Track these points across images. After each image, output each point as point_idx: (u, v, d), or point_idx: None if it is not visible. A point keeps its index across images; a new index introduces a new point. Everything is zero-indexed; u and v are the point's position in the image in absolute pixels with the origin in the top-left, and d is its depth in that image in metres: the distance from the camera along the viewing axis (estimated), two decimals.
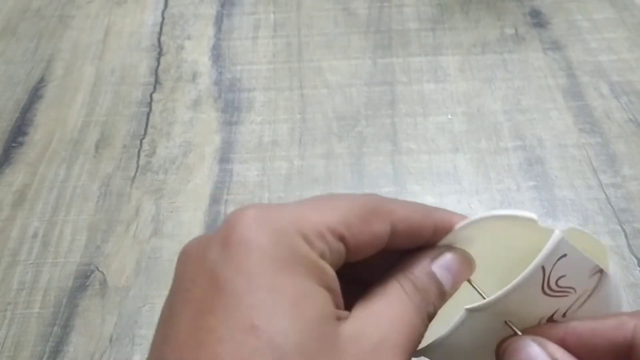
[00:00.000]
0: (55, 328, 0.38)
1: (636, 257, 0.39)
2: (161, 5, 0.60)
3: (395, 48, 0.54)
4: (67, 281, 0.40)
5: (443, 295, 0.24)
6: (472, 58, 0.53)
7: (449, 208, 0.43)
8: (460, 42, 0.54)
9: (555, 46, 0.53)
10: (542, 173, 0.44)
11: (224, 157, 0.47)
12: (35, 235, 0.43)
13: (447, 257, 0.25)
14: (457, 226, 0.25)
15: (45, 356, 0.36)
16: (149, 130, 0.49)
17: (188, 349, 0.19)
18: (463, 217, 0.26)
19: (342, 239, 0.22)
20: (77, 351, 0.37)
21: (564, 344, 0.24)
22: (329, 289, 0.21)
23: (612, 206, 0.42)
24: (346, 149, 0.47)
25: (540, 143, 0.46)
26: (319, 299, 0.21)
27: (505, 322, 0.24)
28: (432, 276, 0.24)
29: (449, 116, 0.49)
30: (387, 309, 0.22)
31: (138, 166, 0.47)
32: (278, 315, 0.19)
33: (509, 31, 0.55)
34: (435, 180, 0.44)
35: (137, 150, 0.48)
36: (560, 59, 0.52)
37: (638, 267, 0.39)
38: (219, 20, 0.58)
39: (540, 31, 0.55)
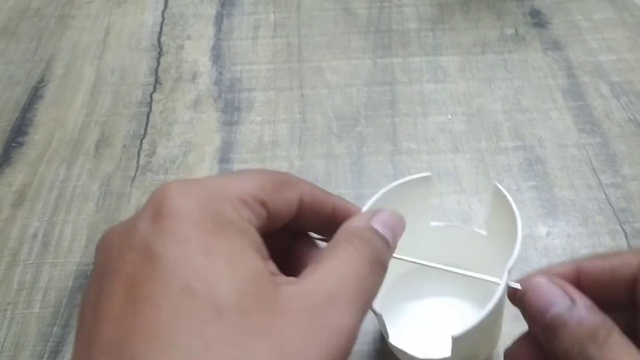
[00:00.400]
0: (55, 328, 0.38)
1: None
2: (161, 5, 0.60)
3: (395, 48, 0.54)
4: (67, 281, 0.40)
5: (389, 248, 0.25)
6: (472, 58, 0.53)
7: (448, 208, 0.43)
8: (460, 42, 0.54)
9: (555, 46, 0.53)
10: (542, 173, 0.44)
11: (224, 157, 0.47)
12: (35, 235, 0.43)
13: (382, 214, 0.26)
14: (371, 200, 0.29)
15: (45, 356, 0.37)
16: (149, 130, 0.49)
17: (124, 321, 0.19)
18: (356, 207, 0.29)
19: (263, 204, 0.24)
20: None
21: (579, 284, 0.25)
22: (259, 251, 0.22)
23: (612, 206, 0.42)
24: (346, 149, 0.47)
25: (540, 143, 0.46)
26: (251, 258, 0.21)
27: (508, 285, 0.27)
28: (375, 231, 0.25)
29: (449, 116, 0.49)
30: (336, 266, 0.23)
31: (138, 166, 0.47)
32: (213, 276, 0.20)
33: (509, 31, 0.55)
34: (435, 180, 0.44)
35: (137, 150, 0.48)
36: (560, 59, 0.52)
37: None
38: (219, 20, 0.58)
39: (540, 31, 0.55)
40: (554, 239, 0.40)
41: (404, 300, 0.35)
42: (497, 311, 0.26)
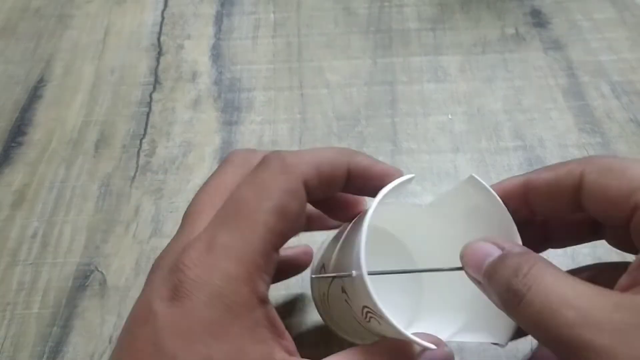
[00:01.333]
0: (55, 328, 0.38)
1: None
2: (161, 5, 0.60)
3: (396, 48, 0.54)
4: (67, 281, 0.40)
5: None
6: (473, 58, 0.53)
7: None
8: (460, 42, 0.54)
9: (556, 46, 0.53)
10: None
11: (224, 157, 0.47)
12: (34, 236, 0.43)
13: (436, 354, 0.26)
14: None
15: (45, 356, 0.36)
16: (149, 130, 0.49)
17: None
18: (377, 162, 0.27)
19: (275, 249, 0.24)
20: (77, 351, 0.37)
21: (526, 198, 0.27)
22: (263, 341, 0.23)
23: None
24: None
25: (540, 143, 0.46)
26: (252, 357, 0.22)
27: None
28: None
29: (449, 116, 0.48)
30: None
31: (138, 166, 0.46)
32: None
33: (510, 31, 0.55)
34: (435, 180, 0.44)
35: (136, 150, 0.48)
36: (561, 59, 0.52)
37: None
38: (218, 20, 0.58)
39: (541, 31, 0.55)
40: None
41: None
42: None
